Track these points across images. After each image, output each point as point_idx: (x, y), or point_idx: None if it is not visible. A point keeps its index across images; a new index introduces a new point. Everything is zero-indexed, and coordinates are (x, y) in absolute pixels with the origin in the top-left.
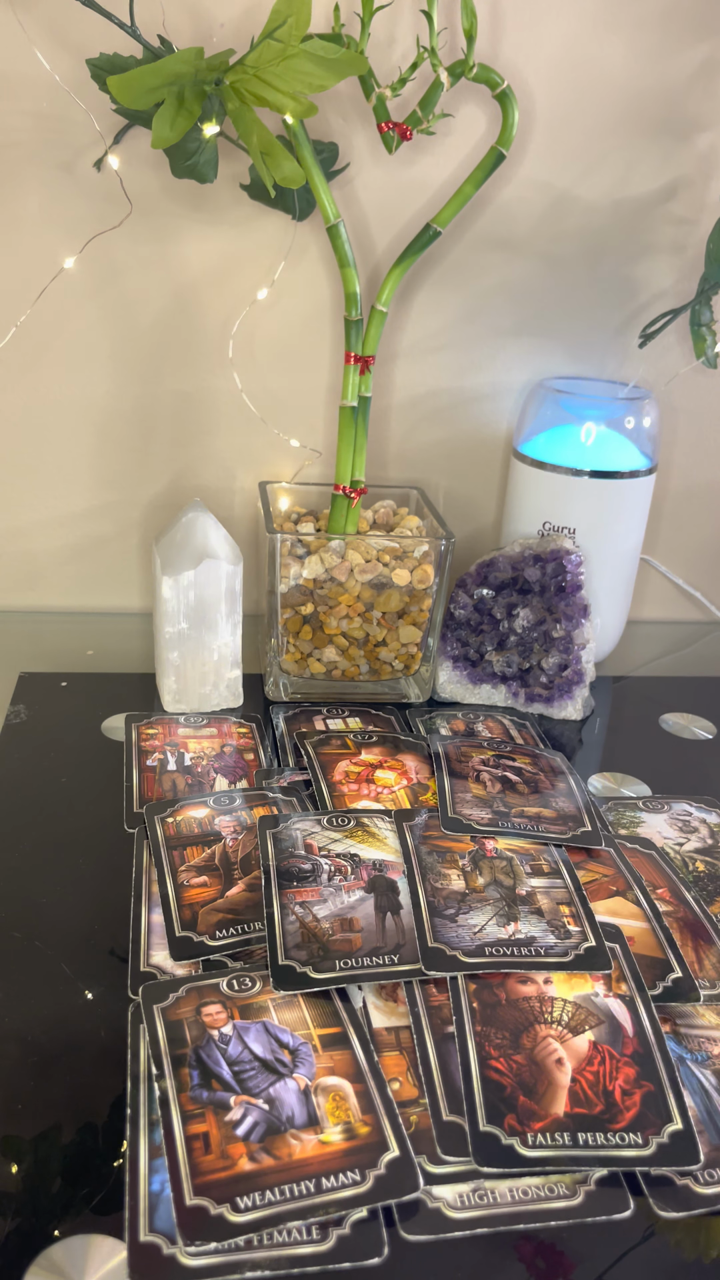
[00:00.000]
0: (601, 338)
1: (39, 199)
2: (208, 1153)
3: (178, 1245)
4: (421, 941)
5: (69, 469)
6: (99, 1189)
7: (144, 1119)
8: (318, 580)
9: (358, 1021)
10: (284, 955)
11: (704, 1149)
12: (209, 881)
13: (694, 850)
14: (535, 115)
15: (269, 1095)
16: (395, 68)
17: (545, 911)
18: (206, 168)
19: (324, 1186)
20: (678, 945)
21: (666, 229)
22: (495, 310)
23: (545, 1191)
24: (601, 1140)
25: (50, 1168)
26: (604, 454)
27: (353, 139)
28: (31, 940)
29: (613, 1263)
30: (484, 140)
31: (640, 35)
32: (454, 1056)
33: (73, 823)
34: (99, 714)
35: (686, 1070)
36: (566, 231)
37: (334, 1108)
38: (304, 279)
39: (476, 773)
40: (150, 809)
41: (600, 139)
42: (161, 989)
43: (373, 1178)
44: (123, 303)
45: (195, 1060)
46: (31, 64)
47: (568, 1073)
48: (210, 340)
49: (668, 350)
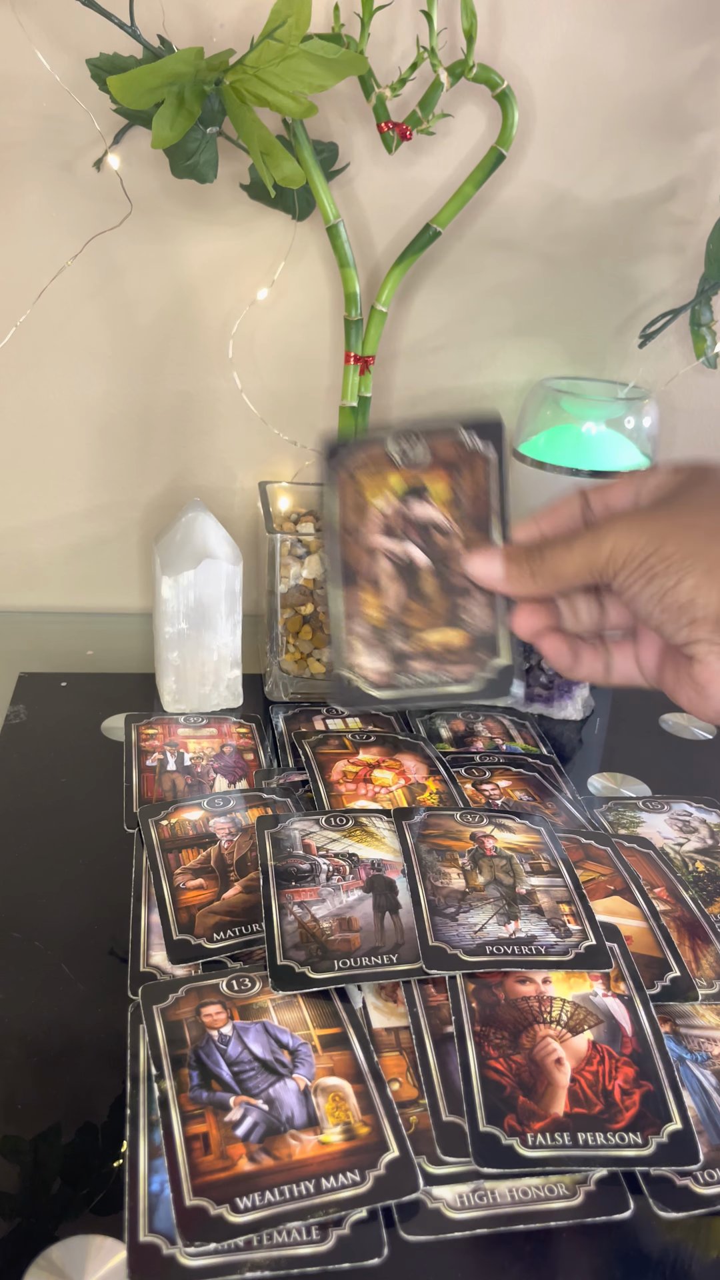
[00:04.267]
0: (601, 338)
1: (39, 199)
2: (207, 1153)
3: (177, 1246)
4: (422, 940)
5: (69, 469)
6: (99, 1189)
7: (144, 1119)
8: (318, 580)
9: (357, 1022)
10: (283, 955)
11: (703, 1149)
12: (205, 884)
13: (694, 850)
14: (535, 115)
15: (268, 1096)
16: (395, 68)
17: (545, 910)
18: (206, 168)
19: (324, 1187)
20: (675, 945)
21: (666, 229)
22: (495, 310)
23: (545, 1192)
24: (601, 1140)
25: (50, 1168)
26: (604, 454)
27: (352, 139)
28: (31, 940)
29: (612, 1262)
30: (484, 140)
31: (640, 35)
32: (453, 1057)
33: (72, 823)
34: (99, 714)
35: (686, 1070)
36: (566, 232)
37: (334, 1108)
38: (304, 279)
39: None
40: (144, 811)
41: (600, 139)
42: (161, 989)
43: (372, 1178)
44: (123, 303)
45: (195, 1061)
46: (32, 64)
47: (567, 1073)
48: (210, 340)
49: (668, 350)
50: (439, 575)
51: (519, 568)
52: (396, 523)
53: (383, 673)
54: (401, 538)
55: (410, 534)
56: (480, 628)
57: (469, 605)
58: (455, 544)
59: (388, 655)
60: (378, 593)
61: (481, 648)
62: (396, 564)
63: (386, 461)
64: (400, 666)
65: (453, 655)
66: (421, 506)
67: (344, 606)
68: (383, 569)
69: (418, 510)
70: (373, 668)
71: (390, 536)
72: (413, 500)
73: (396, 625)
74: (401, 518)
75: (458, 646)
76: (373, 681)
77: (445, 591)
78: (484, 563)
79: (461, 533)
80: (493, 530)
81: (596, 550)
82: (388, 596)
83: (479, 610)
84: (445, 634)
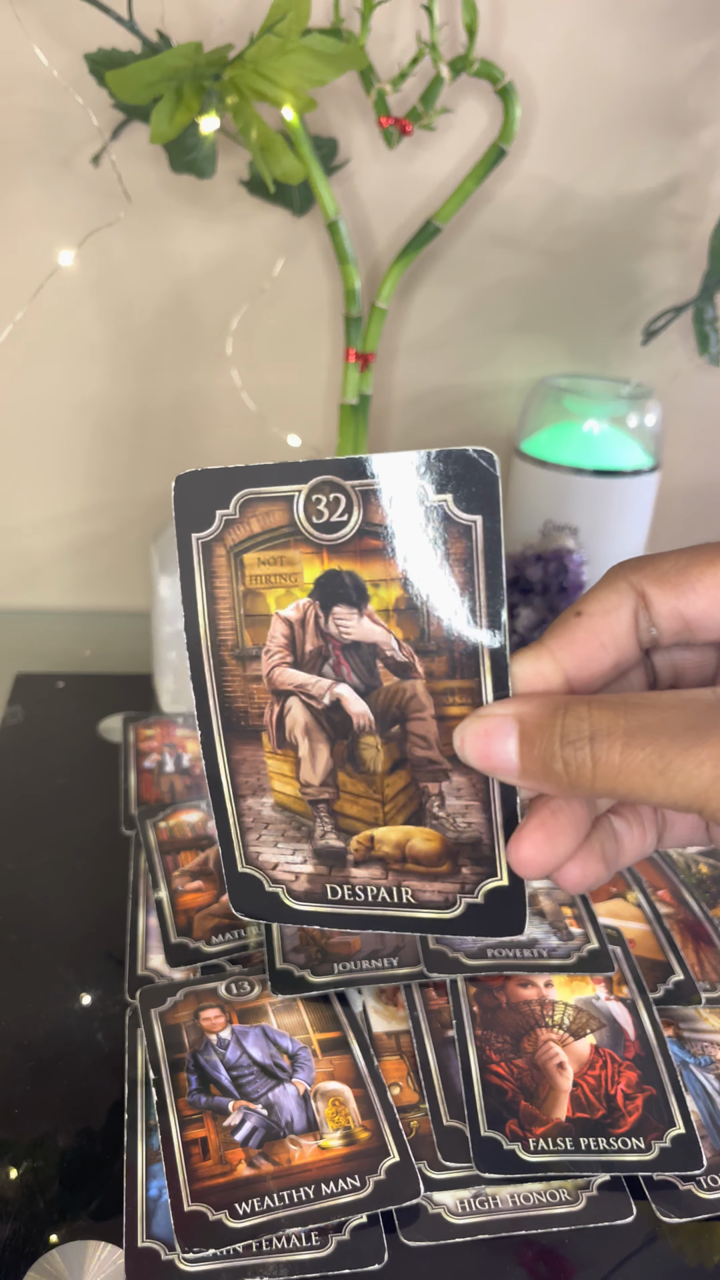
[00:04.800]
0: (604, 335)
1: (36, 194)
2: (206, 1158)
3: (176, 1251)
4: (423, 943)
5: (66, 467)
6: (96, 1194)
7: (142, 1124)
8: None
9: (357, 1026)
10: (282, 959)
11: (707, 1154)
12: (204, 886)
13: (698, 852)
14: (537, 111)
15: (268, 1100)
16: (395, 62)
17: (547, 913)
18: (205, 163)
19: (323, 1192)
20: (679, 948)
21: (669, 225)
22: (496, 307)
23: (547, 1197)
24: (604, 1145)
25: (47, 1173)
26: (606, 452)
27: (353, 134)
28: (28, 943)
29: (614, 1268)
30: (485, 136)
31: (643, 30)
32: (454, 1061)
33: (69, 825)
34: (96, 715)
35: (689, 1074)
36: (568, 228)
37: (333, 1113)
38: (303, 275)
39: None
40: (142, 813)
41: (602, 134)
42: (159, 993)
43: (372, 1183)
44: (121, 299)
45: (193, 1065)
46: (29, 59)
47: (569, 1077)
48: (209, 337)
49: (671, 348)
50: (390, 739)
51: (546, 764)
52: (312, 641)
53: (304, 876)
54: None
55: (338, 663)
56: (465, 831)
57: (445, 794)
58: (416, 687)
59: (310, 852)
60: (285, 754)
61: (468, 860)
62: (314, 711)
63: (291, 530)
64: (332, 871)
65: (419, 868)
66: (353, 619)
67: (229, 770)
68: (293, 717)
69: (347, 624)
70: (288, 868)
71: (302, 665)
72: (340, 608)
73: (323, 810)
74: (321, 634)
75: (427, 853)
76: (292, 891)
77: (402, 765)
78: (485, 740)
79: (422, 664)
80: (481, 664)
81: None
82: (303, 763)
83: (463, 804)
84: (407, 832)
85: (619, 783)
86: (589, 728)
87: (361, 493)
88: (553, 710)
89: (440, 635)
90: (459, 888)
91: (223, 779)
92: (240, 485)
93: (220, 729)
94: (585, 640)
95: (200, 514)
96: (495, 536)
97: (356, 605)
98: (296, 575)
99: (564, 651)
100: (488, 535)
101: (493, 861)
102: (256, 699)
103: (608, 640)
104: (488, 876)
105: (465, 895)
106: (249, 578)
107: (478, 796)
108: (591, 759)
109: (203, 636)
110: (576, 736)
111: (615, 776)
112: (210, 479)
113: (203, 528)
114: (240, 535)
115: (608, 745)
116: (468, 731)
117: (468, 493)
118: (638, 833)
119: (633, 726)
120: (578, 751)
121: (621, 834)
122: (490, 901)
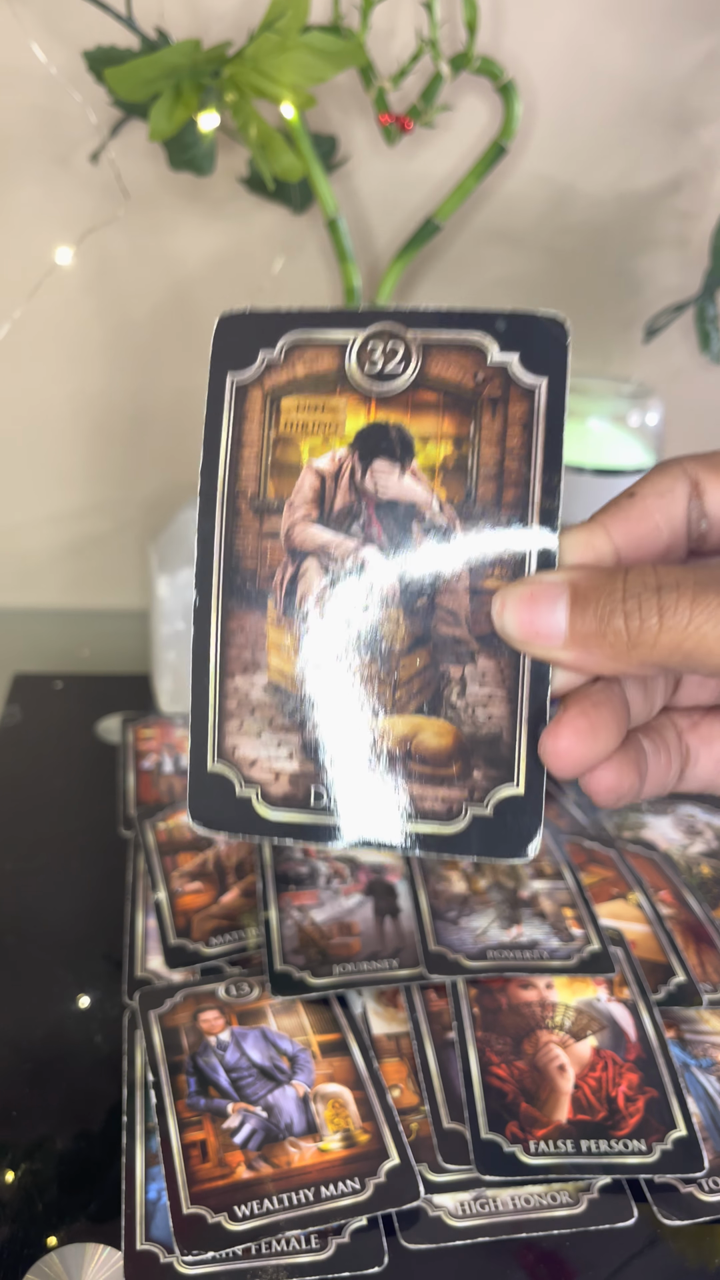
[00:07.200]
0: (605, 333)
1: (34, 192)
2: (205, 1161)
3: (175, 1254)
4: (423, 945)
5: (64, 466)
6: (95, 1197)
7: (140, 1126)
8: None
9: (357, 1028)
10: (282, 960)
11: (708, 1156)
12: (202, 888)
13: (700, 853)
14: (538, 108)
15: (267, 1102)
16: (395, 60)
17: (548, 914)
18: (204, 160)
19: (323, 1195)
20: (680, 949)
21: (671, 223)
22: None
23: (547, 1199)
24: (605, 1147)
25: (46, 1175)
26: (608, 451)
27: (352, 131)
28: (26, 945)
29: (615, 1270)
30: (485, 133)
31: (645, 27)
32: (455, 1063)
33: (67, 826)
34: (94, 715)
35: (691, 1076)
36: (569, 225)
37: (333, 1115)
38: (303, 273)
39: None
40: (140, 814)
41: (604, 132)
42: (158, 995)
43: (372, 1186)
44: (119, 297)
45: (192, 1067)
46: (27, 56)
47: (570, 1079)
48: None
49: (673, 346)
50: (414, 613)
51: (602, 623)
52: (344, 497)
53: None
54: (349, 527)
55: (369, 523)
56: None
57: (468, 680)
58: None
59: (298, 745)
60: (290, 625)
61: (482, 761)
62: (334, 575)
63: (338, 378)
64: (320, 770)
65: (425, 766)
66: (394, 475)
67: (220, 642)
68: (308, 581)
69: (387, 481)
70: (268, 764)
71: (329, 522)
72: (381, 461)
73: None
74: (355, 490)
75: (436, 750)
76: (268, 793)
77: (423, 644)
78: (531, 605)
79: (464, 531)
80: (532, 533)
81: None
82: (310, 635)
83: (487, 692)
84: (416, 724)
85: (686, 638)
86: (655, 580)
87: (423, 345)
88: (610, 572)
89: (488, 499)
90: (466, 795)
91: (211, 651)
92: (289, 326)
93: (220, 590)
94: (640, 519)
95: (241, 353)
96: (559, 402)
97: (399, 460)
98: (338, 424)
99: (618, 528)
100: (551, 399)
101: (510, 764)
102: (269, 559)
103: (662, 522)
104: (502, 782)
105: (472, 805)
106: (284, 424)
107: (504, 684)
108: (659, 611)
109: (220, 484)
110: (642, 589)
111: (683, 632)
112: (258, 319)
113: (241, 367)
114: (281, 379)
115: (676, 596)
116: (510, 595)
117: (535, 354)
118: (664, 759)
119: (705, 578)
120: (643, 604)
121: (649, 756)
122: (499, 814)
